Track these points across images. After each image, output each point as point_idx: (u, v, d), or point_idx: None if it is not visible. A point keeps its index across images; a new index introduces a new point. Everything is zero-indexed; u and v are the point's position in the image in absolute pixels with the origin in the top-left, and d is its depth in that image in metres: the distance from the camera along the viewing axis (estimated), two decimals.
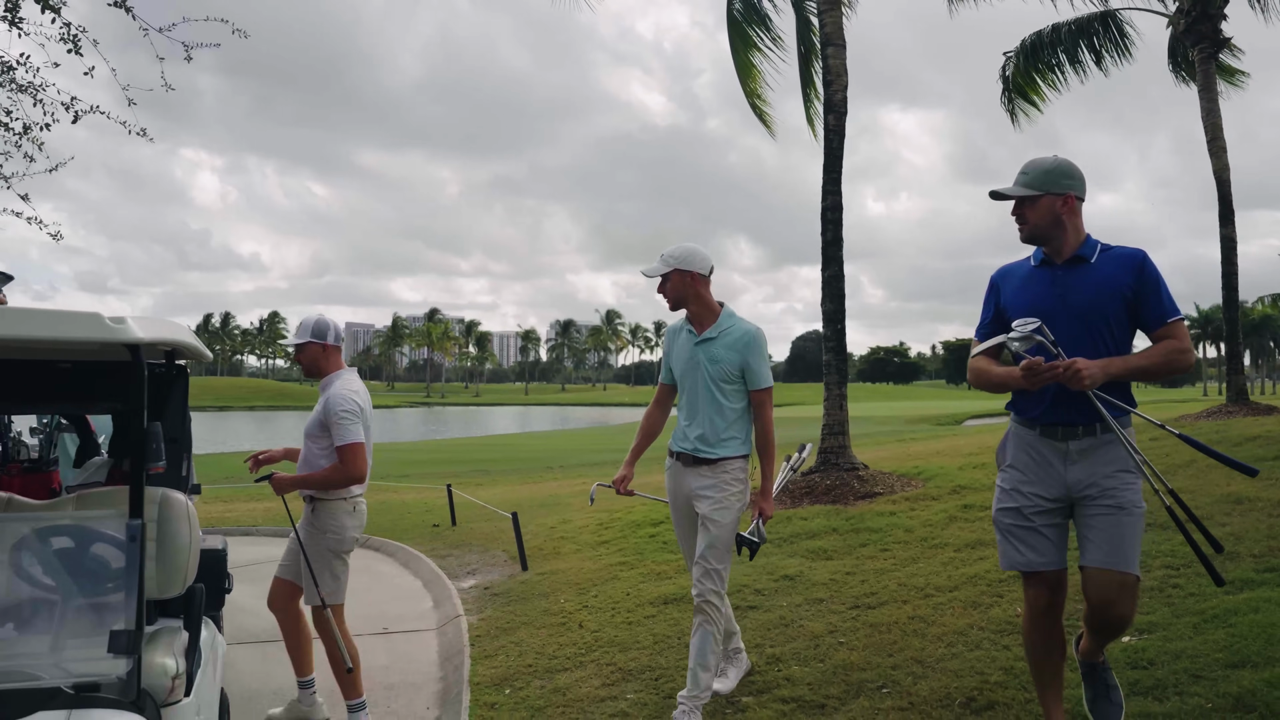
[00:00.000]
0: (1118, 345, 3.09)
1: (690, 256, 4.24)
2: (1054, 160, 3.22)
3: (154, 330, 2.82)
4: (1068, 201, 3.17)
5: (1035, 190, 3.18)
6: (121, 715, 2.47)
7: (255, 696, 5.12)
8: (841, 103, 9.83)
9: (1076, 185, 3.20)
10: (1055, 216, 3.17)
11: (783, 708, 4.06)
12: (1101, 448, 3.09)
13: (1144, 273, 3.10)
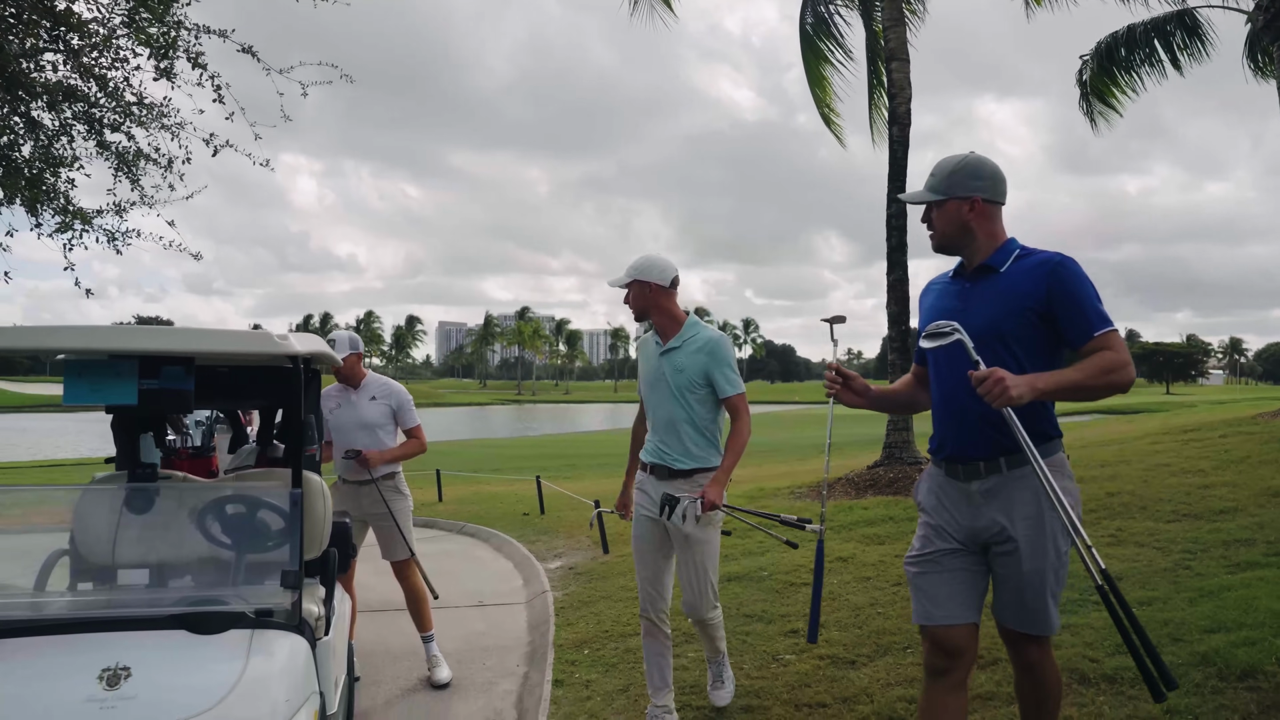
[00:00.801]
0: (1024, 369, 2.68)
1: (650, 267, 4.26)
2: (960, 159, 2.92)
3: (305, 344, 3.63)
4: (975, 205, 2.86)
5: (939, 194, 2.90)
6: (289, 635, 3.28)
7: (369, 654, 5.96)
8: (905, 114, 10.35)
9: (985, 186, 2.88)
10: (962, 222, 2.86)
11: (818, 663, 4.71)
12: (1011, 486, 2.74)
13: (1057, 282, 2.70)
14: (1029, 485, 2.71)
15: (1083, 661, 4.14)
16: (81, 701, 2.89)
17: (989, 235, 2.87)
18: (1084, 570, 2.58)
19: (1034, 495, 2.70)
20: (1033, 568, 2.70)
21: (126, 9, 6.72)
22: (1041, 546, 2.70)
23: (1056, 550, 2.71)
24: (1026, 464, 2.68)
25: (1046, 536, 2.70)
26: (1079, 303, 2.68)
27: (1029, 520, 2.71)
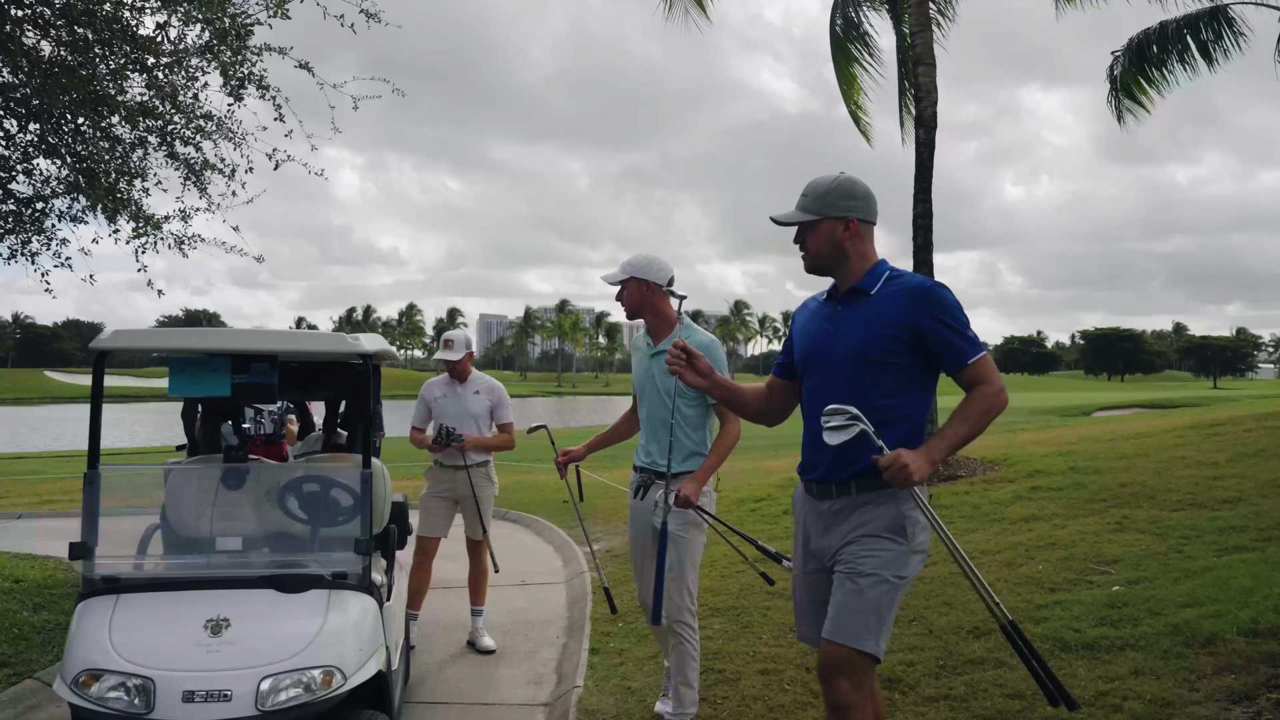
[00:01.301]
0: (889, 397, 2.74)
1: (649, 266, 4.23)
2: (833, 180, 2.91)
3: (373, 344, 4.16)
4: (850, 225, 2.86)
5: (812, 215, 2.89)
6: (360, 596, 3.82)
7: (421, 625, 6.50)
8: (931, 118, 10.70)
9: (860, 206, 2.89)
10: (836, 242, 2.86)
11: None
12: (858, 509, 2.78)
13: (927, 307, 2.72)
14: (875, 510, 2.74)
15: (1066, 631, 4.56)
16: (192, 645, 3.45)
17: (861, 256, 2.89)
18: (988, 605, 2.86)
19: (878, 519, 2.74)
20: (858, 580, 2.68)
21: (203, 42, 7.29)
22: (874, 567, 2.69)
23: (891, 575, 2.69)
24: (876, 489, 2.73)
25: (883, 559, 2.69)
26: (951, 330, 2.70)
27: (868, 539, 2.72)
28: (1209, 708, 3.54)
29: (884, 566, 2.69)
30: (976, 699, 3.98)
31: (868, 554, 2.70)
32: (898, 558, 2.71)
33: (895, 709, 4.02)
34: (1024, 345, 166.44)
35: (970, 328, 2.72)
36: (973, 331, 2.72)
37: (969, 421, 2.66)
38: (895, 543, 2.72)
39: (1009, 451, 11.67)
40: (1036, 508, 7.70)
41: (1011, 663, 4.32)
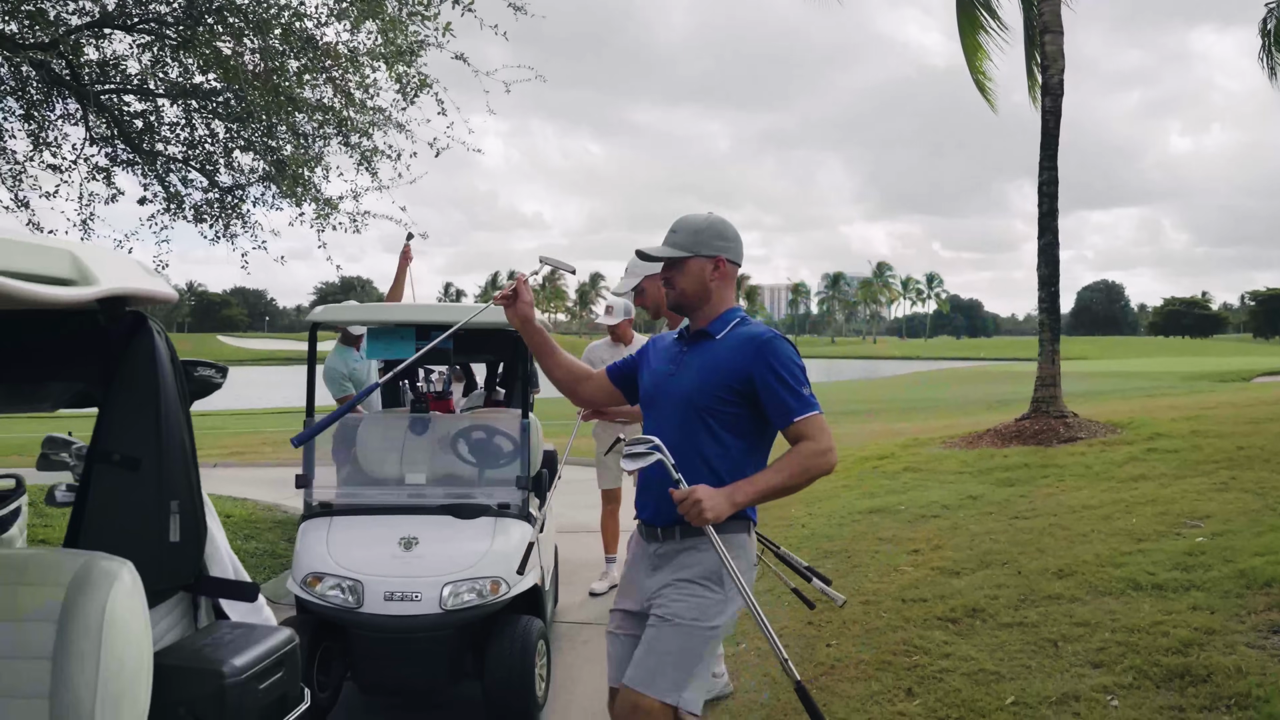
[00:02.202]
0: (717, 444, 2.72)
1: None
2: (706, 218, 2.90)
3: None
4: (719, 265, 2.84)
5: (683, 251, 2.84)
6: (520, 523, 4.68)
7: (570, 561, 7.38)
8: (1058, 86, 10.84)
9: (730, 248, 2.86)
10: (703, 282, 2.83)
11: (929, 572, 5.76)
12: (681, 553, 2.74)
13: (760, 359, 2.69)
14: (697, 555, 2.71)
15: (1141, 574, 5.04)
16: (390, 557, 4.37)
17: (721, 299, 2.87)
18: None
19: (698, 565, 2.71)
20: (665, 624, 2.66)
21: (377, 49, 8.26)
22: (684, 611, 2.66)
23: (700, 622, 2.65)
24: (699, 535, 2.67)
25: (693, 604, 2.67)
26: (782, 384, 2.66)
27: (683, 584, 2.70)
28: (1248, 635, 4.02)
29: (695, 613, 2.65)
30: (1046, 625, 4.54)
31: (680, 599, 2.68)
32: (711, 605, 2.67)
33: (974, 633, 4.63)
34: (1186, 307, 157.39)
35: (806, 385, 2.69)
36: (808, 390, 2.69)
37: (783, 473, 2.63)
38: (711, 590, 2.68)
39: (1136, 416, 11.78)
40: (1147, 468, 8.01)
41: (1085, 598, 4.85)
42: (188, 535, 2.23)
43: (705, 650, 2.65)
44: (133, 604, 1.92)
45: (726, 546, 2.61)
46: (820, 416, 2.67)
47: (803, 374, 2.71)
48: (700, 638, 2.64)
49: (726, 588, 2.69)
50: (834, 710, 3.99)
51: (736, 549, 2.72)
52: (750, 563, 2.83)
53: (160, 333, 2.21)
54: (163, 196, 9.27)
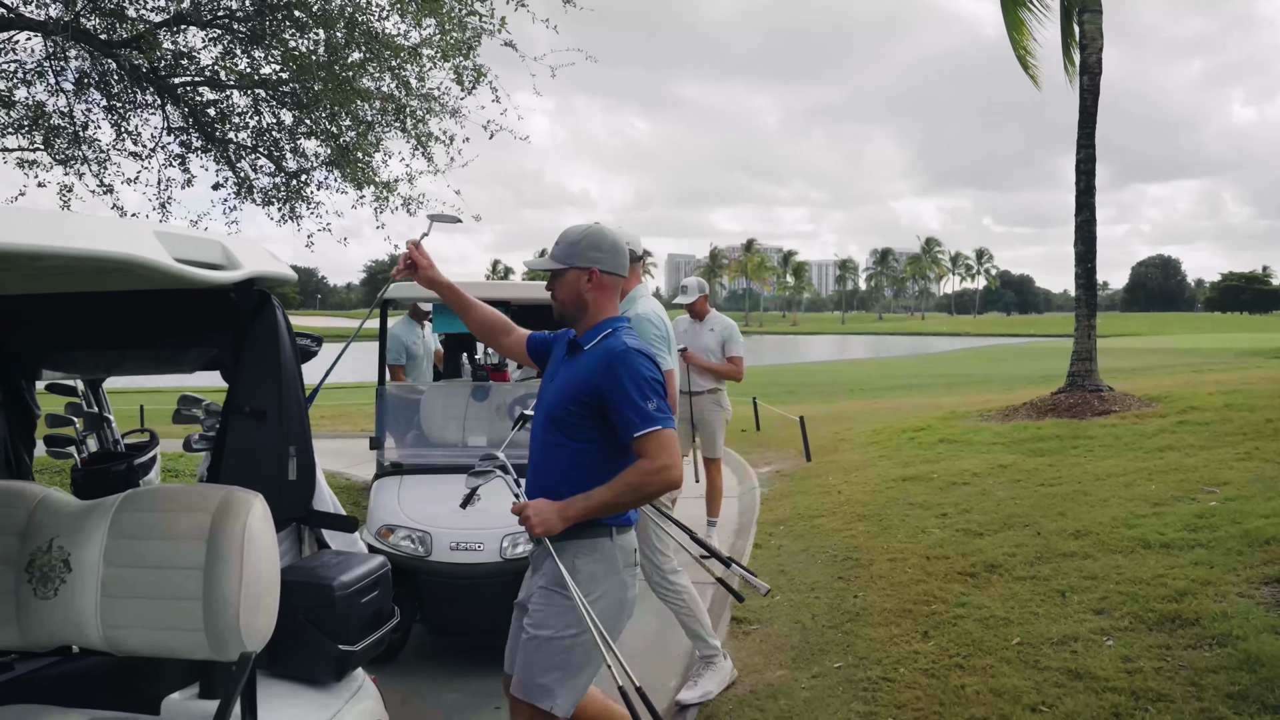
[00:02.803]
0: (579, 456, 2.77)
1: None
2: (584, 230, 2.94)
3: None
4: (593, 276, 2.85)
5: (558, 264, 2.89)
6: None
7: None
8: (1096, 65, 11.00)
9: (605, 259, 2.88)
10: (578, 292, 2.87)
11: (954, 534, 6.14)
12: (546, 558, 2.82)
13: (610, 373, 2.69)
14: (559, 560, 2.75)
15: (1152, 534, 5.38)
16: (454, 511, 4.83)
17: (598, 309, 2.88)
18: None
19: (553, 572, 2.77)
20: (533, 636, 2.79)
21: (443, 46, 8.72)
22: (541, 619, 2.78)
23: (558, 632, 2.75)
24: (570, 539, 2.77)
25: (551, 612, 2.77)
26: (626, 400, 2.66)
27: (543, 591, 2.82)
28: (1240, 587, 4.36)
29: (554, 621, 2.77)
30: (1057, 579, 4.91)
31: (541, 607, 2.80)
32: (567, 612, 2.75)
33: (990, 585, 5.01)
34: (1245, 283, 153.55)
35: (653, 400, 2.68)
36: (654, 405, 2.68)
37: (614, 489, 2.68)
38: (565, 597, 2.74)
39: (1173, 390, 11.97)
40: (1175, 439, 8.27)
41: (1096, 555, 5.20)
42: (302, 475, 2.69)
43: (573, 657, 2.76)
44: (265, 527, 2.38)
45: (583, 551, 2.78)
46: (663, 433, 2.66)
47: (652, 388, 2.70)
48: (559, 647, 2.75)
49: (581, 596, 2.70)
50: (856, 650, 4.40)
51: (593, 553, 2.80)
52: (618, 566, 2.84)
53: (279, 307, 2.66)
54: (233, 181, 9.85)
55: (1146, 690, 3.52)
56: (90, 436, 3.22)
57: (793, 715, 3.84)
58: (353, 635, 2.64)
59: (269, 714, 2.36)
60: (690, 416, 7.15)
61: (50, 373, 3.02)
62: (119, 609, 2.33)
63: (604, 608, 2.77)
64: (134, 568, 2.34)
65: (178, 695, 2.41)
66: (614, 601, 2.82)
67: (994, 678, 3.83)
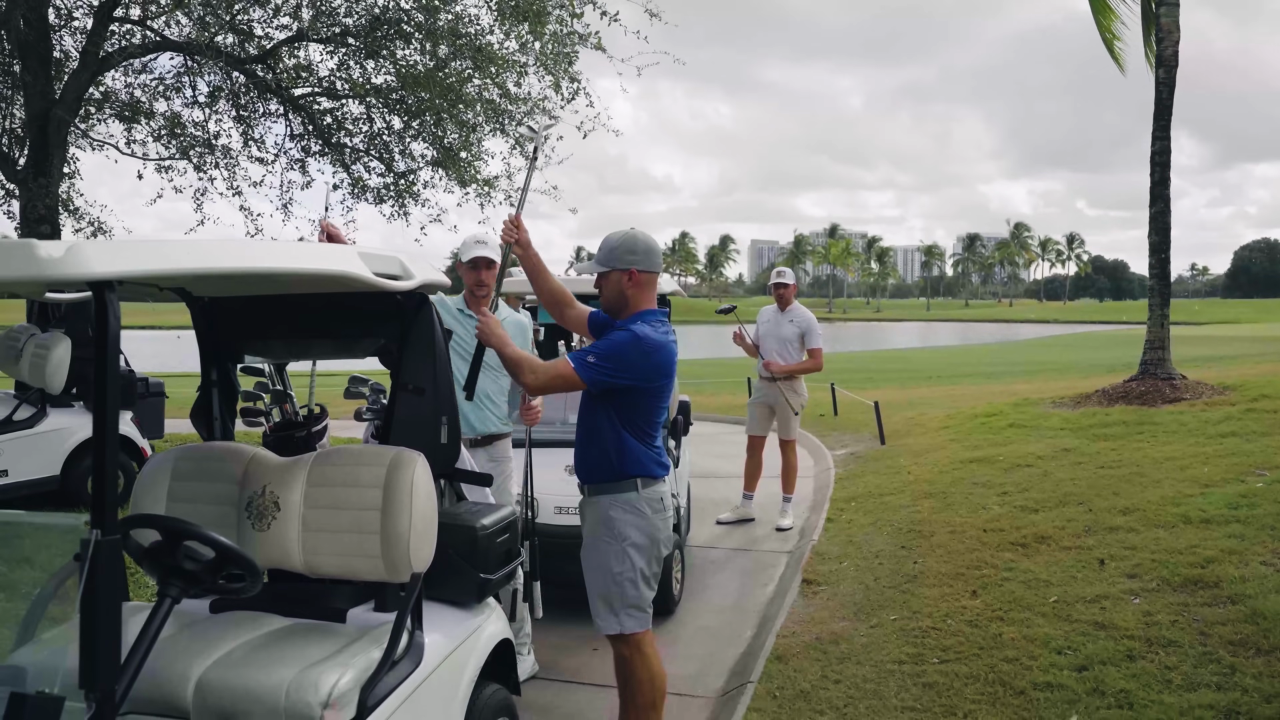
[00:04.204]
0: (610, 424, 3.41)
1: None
2: (621, 235, 3.45)
3: (668, 284, 6.06)
4: (632, 276, 3.38)
5: (604, 266, 3.41)
6: None
7: (702, 500, 8.46)
8: (1172, 57, 11.19)
9: (640, 259, 3.39)
10: (620, 290, 3.41)
11: (1011, 510, 6.63)
12: (589, 507, 3.56)
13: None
14: (597, 510, 3.46)
15: (1194, 510, 5.82)
16: (559, 480, 5.55)
17: (636, 303, 3.42)
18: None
19: (598, 520, 3.46)
20: (590, 577, 3.48)
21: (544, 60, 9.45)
22: (594, 562, 3.46)
23: (608, 570, 3.41)
24: (603, 493, 3.44)
25: (599, 554, 3.44)
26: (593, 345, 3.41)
27: (591, 538, 3.50)
28: (1265, 556, 4.81)
29: (602, 563, 3.43)
30: (1099, 549, 5.41)
31: (591, 551, 3.48)
32: (610, 553, 3.41)
33: (1038, 554, 5.53)
34: None
35: (593, 355, 3.30)
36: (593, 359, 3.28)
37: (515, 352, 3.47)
38: (606, 542, 3.42)
39: (1252, 379, 12.11)
40: (1240, 426, 8.57)
41: (1140, 529, 5.67)
42: (451, 439, 3.39)
43: (623, 590, 3.39)
44: (426, 478, 3.08)
45: (615, 503, 3.42)
46: (564, 365, 3.31)
47: (606, 352, 3.29)
48: (611, 582, 3.40)
49: (616, 537, 3.40)
50: (911, 605, 4.98)
51: (624, 504, 3.40)
52: (645, 512, 3.42)
53: (434, 307, 3.36)
54: (348, 182, 10.74)
55: (1159, 638, 4.05)
56: (275, 410, 3.97)
57: (851, 655, 4.45)
58: (491, 566, 3.34)
59: (429, 625, 3.06)
60: (767, 400, 7.74)
61: (250, 358, 3.77)
62: (316, 540, 3.05)
63: (639, 546, 3.40)
64: (327, 509, 3.06)
65: (359, 609, 3.14)
66: (647, 540, 3.42)
67: (1029, 628, 4.39)
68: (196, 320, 3.54)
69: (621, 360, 3.30)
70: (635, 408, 3.40)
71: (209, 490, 3.21)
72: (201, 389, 3.58)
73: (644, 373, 3.35)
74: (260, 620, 3.02)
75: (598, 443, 3.45)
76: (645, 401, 3.42)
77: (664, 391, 3.49)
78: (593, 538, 3.49)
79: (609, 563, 3.41)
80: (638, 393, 3.39)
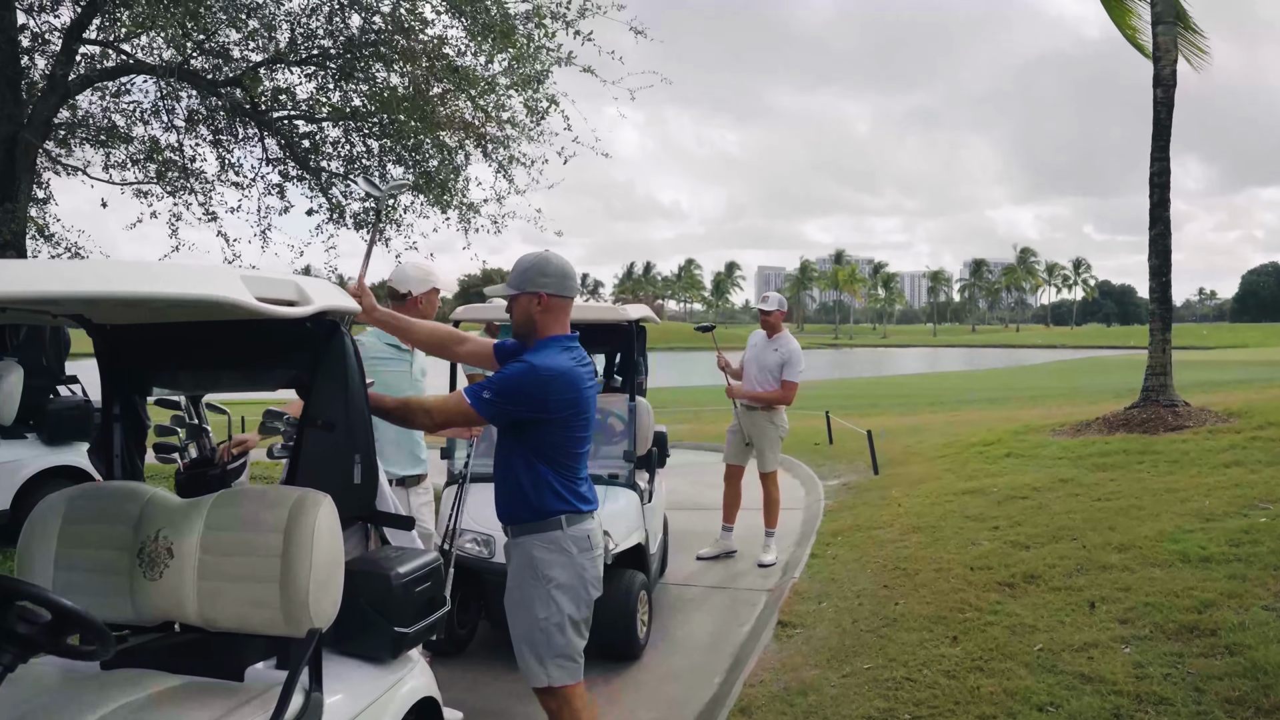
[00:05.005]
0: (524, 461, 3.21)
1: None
2: (533, 258, 3.27)
3: (636, 312, 5.79)
4: (542, 301, 3.20)
5: (513, 289, 3.24)
6: (626, 491, 5.50)
7: (684, 533, 8.15)
8: (1170, 77, 10.93)
9: (551, 283, 3.21)
10: (530, 316, 3.23)
11: (1002, 545, 6.31)
12: (515, 548, 3.32)
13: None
14: (520, 551, 3.26)
15: (1194, 548, 5.48)
16: None
17: (545, 328, 3.24)
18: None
19: (521, 561, 3.25)
20: (514, 623, 3.25)
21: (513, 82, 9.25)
22: (518, 607, 3.23)
23: (532, 615, 3.18)
24: (526, 533, 3.23)
25: (523, 598, 3.21)
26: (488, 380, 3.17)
27: (514, 581, 3.27)
28: (1266, 600, 4.49)
29: (527, 608, 3.20)
30: (1090, 589, 5.08)
31: (515, 593, 3.25)
32: (537, 598, 3.18)
33: (1025, 595, 5.20)
34: None
35: (490, 391, 3.10)
36: (489, 394, 3.09)
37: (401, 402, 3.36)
38: (530, 584, 3.20)
39: (1258, 405, 11.76)
40: (1243, 455, 8.23)
41: (1135, 568, 5.34)
42: (366, 479, 3.10)
43: (552, 638, 3.16)
44: (331, 523, 2.79)
45: (539, 542, 3.20)
46: (463, 400, 3.14)
47: (500, 385, 3.11)
48: (536, 629, 3.17)
49: (541, 579, 3.17)
50: (888, 652, 4.65)
51: (548, 543, 3.20)
52: (571, 551, 3.20)
53: (348, 333, 3.08)
54: (326, 207, 10.51)
55: (1150, 694, 3.72)
56: (191, 445, 3.71)
57: (819, 709, 4.12)
58: (407, 619, 3.04)
59: (334, 684, 2.77)
60: (744, 428, 7.44)
61: (159, 389, 3.51)
62: (212, 590, 2.77)
63: (565, 588, 3.17)
64: (225, 555, 2.78)
65: (260, 665, 2.85)
66: (574, 581, 3.19)
67: (1009, 680, 4.06)
68: (98, 349, 3.28)
69: (517, 392, 3.11)
70: (547, 441, 3.20)
71: (102, 534, 2.95)
72: (102, 423, 3.31)
73: (544, 404, 3.14)
74: (147, 680, 2.73)
75: (514, 480, 3.24)
76: (557, 434, 3.20)
77: (575, 422, 3.23)
78: (516, 580, 3.26)
79: (533, 608, 3.19)
80: (546, 425, 3.18)
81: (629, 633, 5.15)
